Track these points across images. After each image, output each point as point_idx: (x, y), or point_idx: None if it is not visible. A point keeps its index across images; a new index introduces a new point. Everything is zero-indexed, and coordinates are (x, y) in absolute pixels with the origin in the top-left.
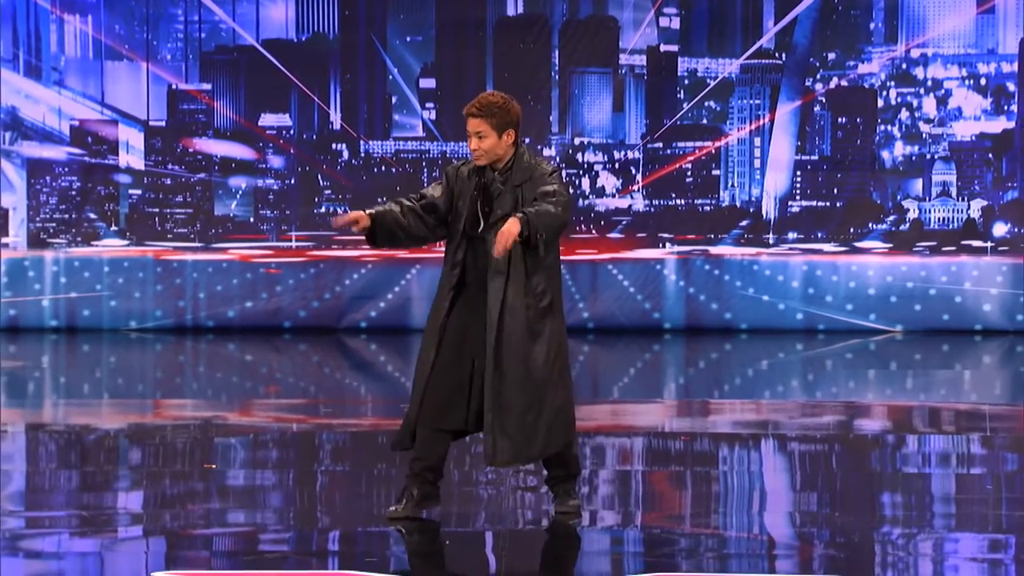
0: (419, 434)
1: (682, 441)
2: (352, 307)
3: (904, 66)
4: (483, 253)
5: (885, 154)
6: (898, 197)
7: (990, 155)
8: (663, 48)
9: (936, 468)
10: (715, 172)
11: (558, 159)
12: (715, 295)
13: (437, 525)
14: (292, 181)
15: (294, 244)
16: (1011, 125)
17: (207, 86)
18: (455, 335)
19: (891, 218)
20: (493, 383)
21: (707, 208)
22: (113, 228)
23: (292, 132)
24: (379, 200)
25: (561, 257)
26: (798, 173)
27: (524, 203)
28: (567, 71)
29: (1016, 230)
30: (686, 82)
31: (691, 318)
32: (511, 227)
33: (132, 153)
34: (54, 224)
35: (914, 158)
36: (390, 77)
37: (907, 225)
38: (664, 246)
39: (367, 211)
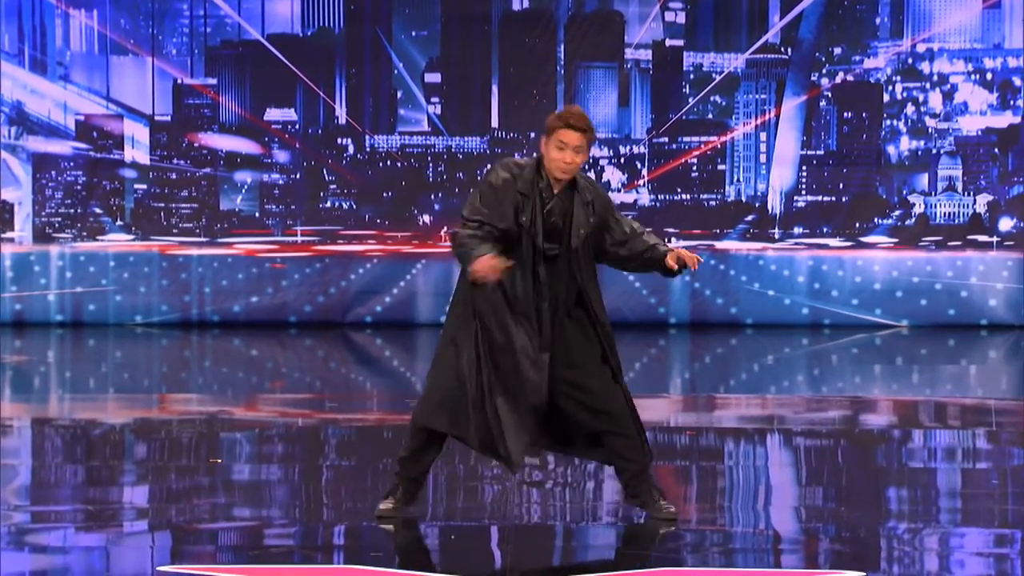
0: (432, 439)
1: (688, 436)
2: (357, 302)
3: (910, 61)
4: (553, 270)
5: (891, 149)
6: (904, 192)
7: (996, 150)
8: (669, 43)
9: (942, 463)
10: (721, 167)
11: None
12: (721, 290)
13: (443, 520)
14: (298, 176)
15: (299, 239)
16: (1017, 120)
17: (212, 81)
18: (554, 356)
19: (897, 213)
20: (608, 367)
21: (713, 203)
22: (119, 223)
23: (297, 127)
24: (384, 194)
25: None
26: (804, 168)
27: (599, 218)
28: (572, 66)
29: (1022, 225)
30: (692, 77)
31: (697, 313)
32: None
33: (137, 148)
34: (60, 219)
35: (920, 153)
36: (395, 72)
37: (913, 220)
38: (670, 241)
39: (492, 256)
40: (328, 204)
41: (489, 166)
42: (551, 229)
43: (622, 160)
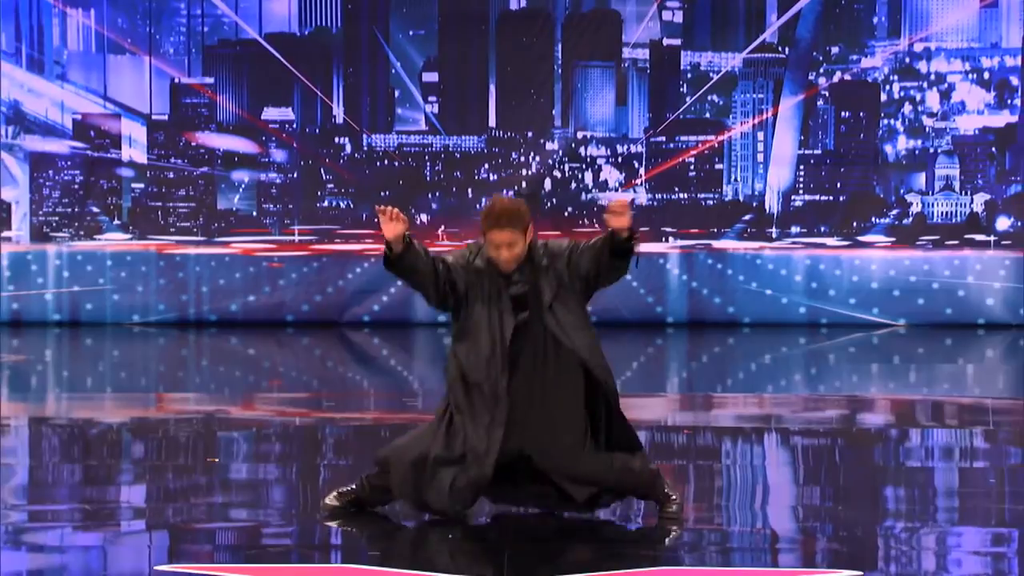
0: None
1: (685, 435)
2: (355, 301)
3: (907, 60)
4: (530, 336)
5: (888, 148)
6: (901, 191)
7: (993, 149)
8: (666, 42)
9: (939, 462)
10: (718, 166)
11: (561, 153)
12: (718, 289)
13: (441, 519)
14: (295, 175)
15: (297, 238)
16: (1014, 119)
17: (210, 80)
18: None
19: (894, 212)
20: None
21: (710, 202)
22: (116, 222)
23: (295, 126)
24: (381, 193)
25: None
26: (801, 167)
27: (559, 275)
28: (570, 65)
29: (1019, 224)
30: (689, 76)
31: (694, 312)
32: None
33: (135, 147)
34: (57, 218)
35: (917, 152)
36: (393, 71)
37: (910, 219)
38: (667, 240)
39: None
40: (325, 203)
41: (487, 165)
42: (515, 300)
43: (619, 159)
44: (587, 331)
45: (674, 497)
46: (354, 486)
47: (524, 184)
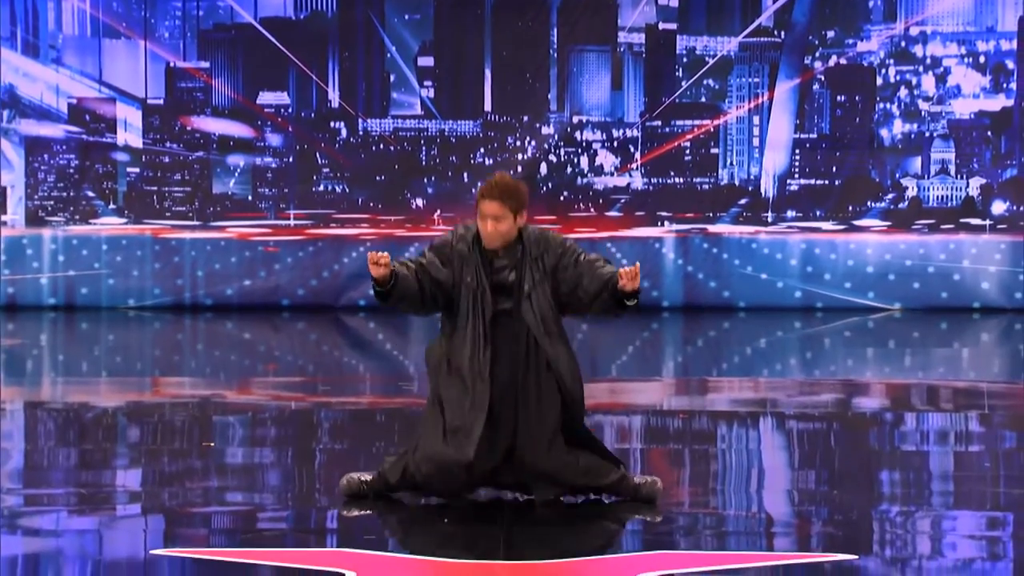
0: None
1: (680, 419)
2: (350, 285)
3: (903, 44)
4: (508, 326)
5: (884, 132)
6: (897, 175)
7: (989, 133)
8: (662, 26)
9: (934, 446)
10: (714, 150)
11: (556, 137)
12: (713, 273)
13: (436, 502)
14: (290, 159)
15: (292, 222)
16: (1010, 103)
17: (205, 64)
18: (497, 420)
19: (890, 196)
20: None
21: (706, 186)
22: (111, 206)
23: (290, 110)
24: (377, 178)
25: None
26: (797, 151)
27: (547, 271)
28: (566, 49)
29: (1015, 208)
30: (685, 60)
31: (689, 296)
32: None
33: (130, 131)
34: (52, 202)
35: (913, 136)
36: (388, 55)
37: (906, 203)
38: (663, 224)
39: (390, 264)
40: (321, 187)
41: (482, 149)
42: (499, 286)
43: (615, 143)
44: (560, 329)
45: (647, 481)
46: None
47: (520, 168)
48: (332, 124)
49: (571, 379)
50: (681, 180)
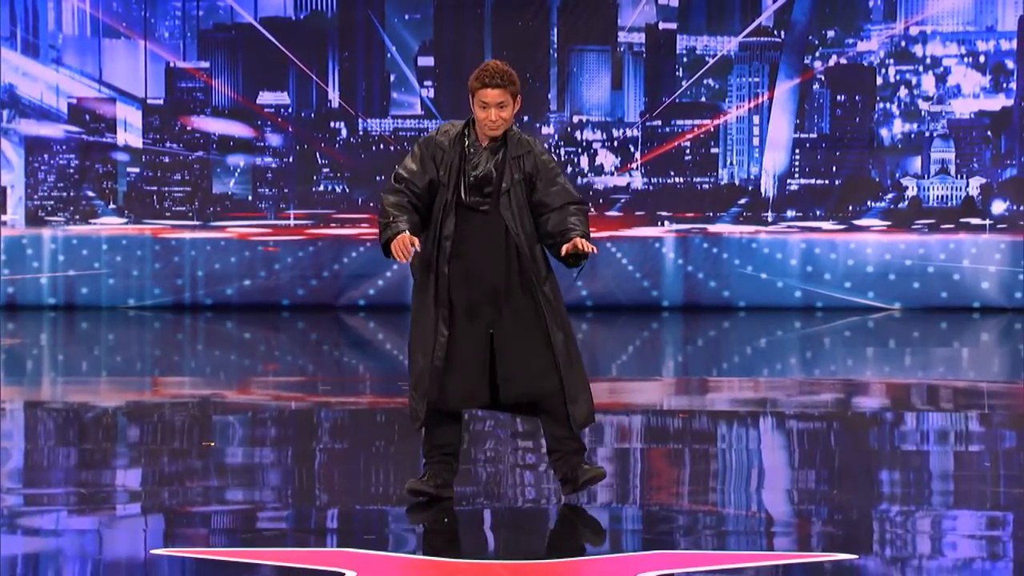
0: (437, 418)
1: (680, 419)
2: (350, 285)
3: (903, 44)
4: (480, 223)
5: (884, 132)
6: (897, 175)
7: (989, 133)
8: (662, 26)
9: (934, 445)
10: (714, 150)
11: (556, 137)
12: (713, 273)
13: (436, 503)
14: (290, 159)
15: (292, 222)
16: (1010, 103)
17: (205, 64)
18: (464, 309)
19: (890, 196)
20: (551, 349)
21: (705, 186)
22: (111, 206)
23: (290, 110)
24: (377, 177)
25: None
26: (797, 151)
27: (524, 175)
28: (566, 49)
29: (1015, 207)
30: (685, 60)
31: (689, 296)
32: (587, 245)
33: (130, 131)
34: (52, 202)
35: (913, 136)
36: (388, 55)
37: (906, 203)
38: (662, 224)
39: (404, 232)
40: (321, 187)
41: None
42: (476, 183)
43: (615, 143)
44: (535, 232)
45: (591, 468)
46: (426, 466)
47: None
48: (332, 124)
49: (550, 289)
50: (681, 180)
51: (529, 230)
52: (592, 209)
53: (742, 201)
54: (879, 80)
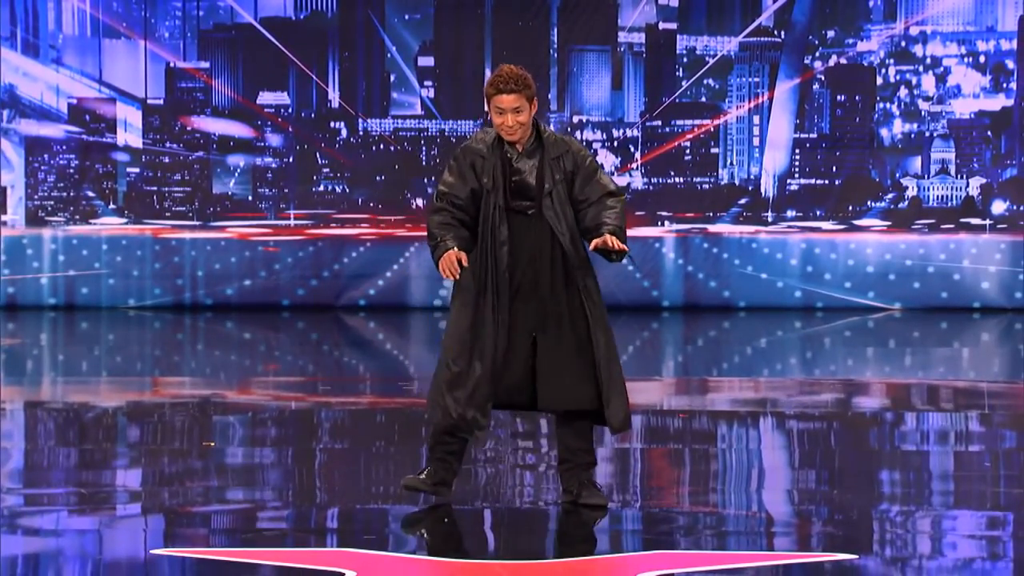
0: (465, 414)
1: (680, 419)
2: (350, 285)
3: (903, 44)
4: (526, 227)
5: (884, 132)
6: (897, 175)
7: (989, 133)
8: (662, 26)
9: (935, 446)
10: (714, 150)
11: None
12: (713, 273)
13: (435, 503)
14: (290, 159)
15: (292, 222)
16: (1010, 103)
17: (205, 64)
18: (513, 313)
19: (890, 196)
20: (591, 351)
21: (706, 186)
22: (111, 206)
23: (290, 110)
24: (377, 177)
25: None
26: (797, 151)
27: (565, 174)
28: (566, 49)
29: (1015, 207)
30: (685, 60)
31: (690, 296)
32: (615, 242)
33: (130, 131)
34: (52, 202)
35: (913, 136)
36: (388, 55)
37: (906, 203)
38: (663, 224)
39: (452, 249)
40: (321, 188)
41: None
42: (519, 187)
43: (615, 143)
44: (575, 224)
45: (598, 493)
46: (429, 461)
47: None
48: (332, 124)
49: (593, 288)
50: (681, 180)
51: (573, 228)
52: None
53: (742, 201)
54: (879, 80)
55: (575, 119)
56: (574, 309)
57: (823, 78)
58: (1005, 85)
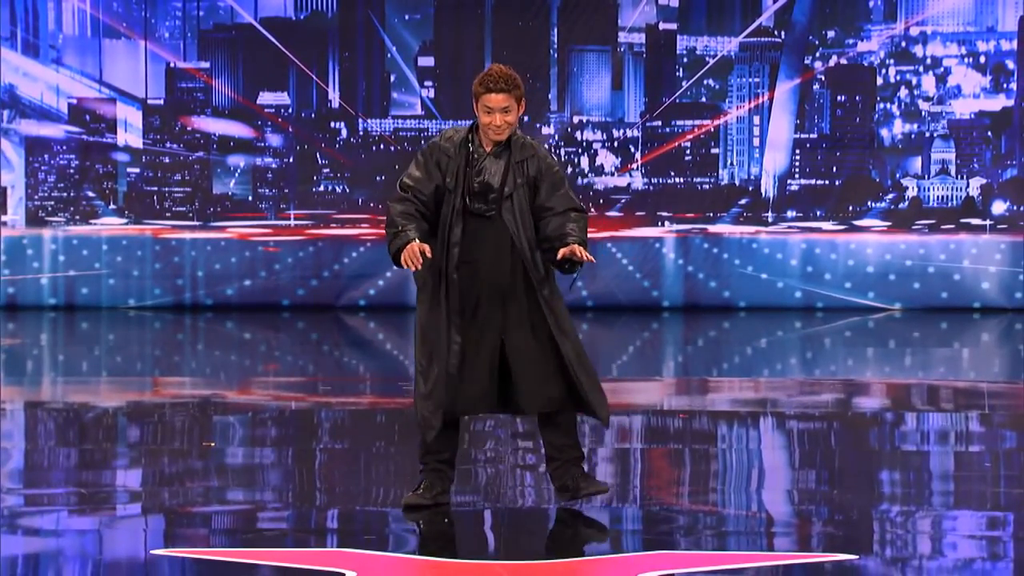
0: (439, 424)
1: (680, 419)
2: (350, 285)
3: (903, 44)
4: (485, 229)
5: (884, 132)
6: (897, 175)
7: (989, 133)
8: (662, 26)
9: (935, 446)
10: (714, 150)
11: (556, 137)
12: (714, 273)
13: (436, 503)
14: (290, 159)
15: (292, 222)
16: (1010, 103)
17: (205, 64)
18: (474, 315)
19: (890, 196)
20: (563, 351)
21: (706, 186)
22: (111, 206)
23: (290, 110)
24: (377, 178)
25: None
26: (797, 151)
27: (527, 179)
28: (566, 49)
29: (1015, 208)
30: (685, 60)
31: (690, 296)
32: (584, 254)
33: (130, 131)
34: (52, 202)
35: (913, 136)
36: (388, 55)
37: (906, 203)
38: (663, 224)
39: (414, 240)
40: (321, 188)
41: None
42: (482, 188)
43: (615, 143)
44: (533, 230)
45: (594, 482)
46: (422, 473)
47: None
48: (332, 124)
49: (549, 295)
50: (681, 180)
51: (531, 234)
52: (592, 210)
53: (742, 201)
54: (879, 80)
55: (575, 119)
56: (537, 311)
57: (823, 78)
58: (1005, 85)
